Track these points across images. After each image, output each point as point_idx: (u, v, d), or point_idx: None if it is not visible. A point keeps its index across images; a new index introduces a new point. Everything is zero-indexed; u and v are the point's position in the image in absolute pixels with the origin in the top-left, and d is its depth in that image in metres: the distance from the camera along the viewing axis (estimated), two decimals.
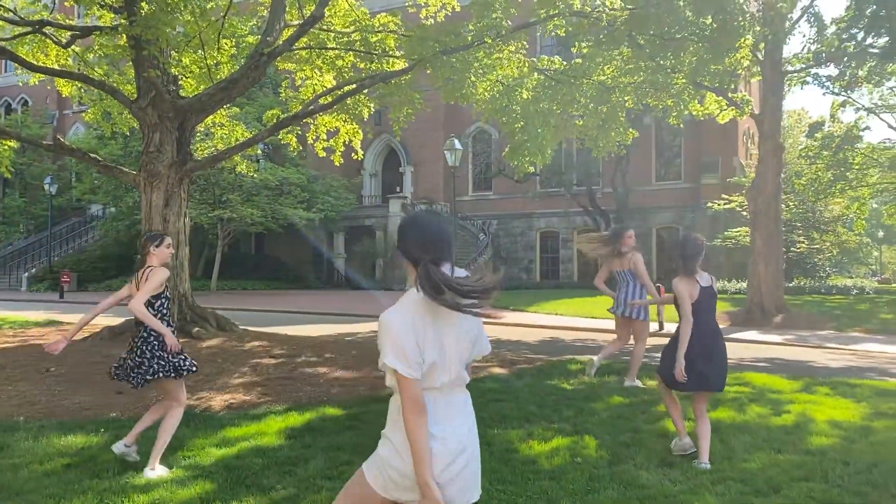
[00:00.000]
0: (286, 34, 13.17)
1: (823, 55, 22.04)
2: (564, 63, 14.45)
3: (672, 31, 11.46)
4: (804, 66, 23.56)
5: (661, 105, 15.02)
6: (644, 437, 5.97)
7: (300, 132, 18.20)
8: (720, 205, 30.16)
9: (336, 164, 17.68)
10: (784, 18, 11.69)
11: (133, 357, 5.07)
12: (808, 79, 28.43)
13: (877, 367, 11.16)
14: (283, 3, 13.14)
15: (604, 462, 5.29)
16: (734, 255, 29.31)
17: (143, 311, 4.94)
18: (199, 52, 15.11)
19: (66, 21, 13.99)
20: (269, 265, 37.06)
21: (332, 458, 5.35)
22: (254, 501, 4.49)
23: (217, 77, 14.65)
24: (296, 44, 13.27)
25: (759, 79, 18.28)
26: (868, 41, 21.25)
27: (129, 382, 5.14)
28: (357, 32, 13.81)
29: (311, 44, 14.46)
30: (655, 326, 16.26)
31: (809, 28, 15.92)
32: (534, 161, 13.72)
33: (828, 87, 30.89)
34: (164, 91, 11.64)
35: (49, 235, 38.51)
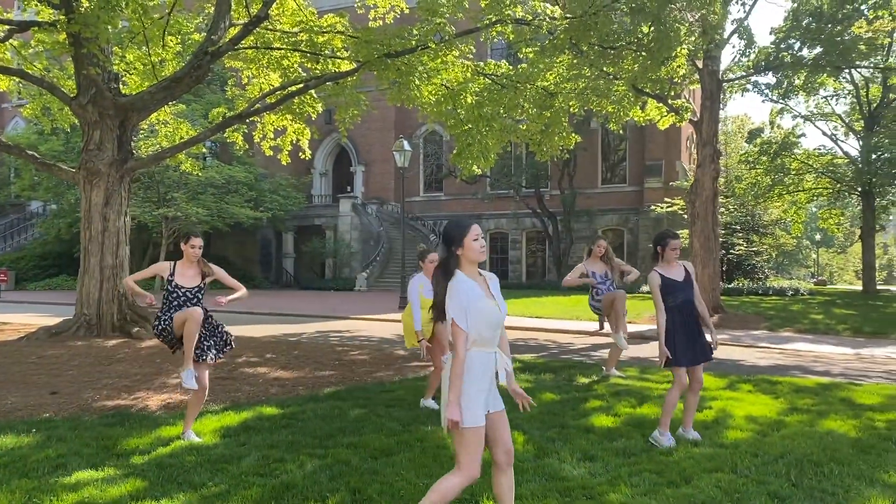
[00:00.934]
0: (232, 33, 13.14)
1: (763, 64, 22.88)
2: (511, 68, 14.72)
3: (611, 40, 11.81)
4: (744, 74, 24.40)
5: (602, 111, 15.41)
6: (571, 433, 6.20)
7: (247, 131, 18.13)
8: (663, 208, 30.95)
9: (283, 164, 17.66)
10: (714, 30, 12.14)
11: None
12: (749, 86, 29.44)
13: (801, 366, 11.66)
14: (229, 3, 13.11)
15: (529, 456, 5.49)
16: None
17: None
18: (144, 49, 14.98)
19: (3, 15, 13.70)
20: (216, 264, 36.42)
21: (265, 456, 5.44)
22: (184, 498, 4.56)
23: (162, 74, 14.52)
24: (241, 43, 13.26)
25: (698, 86, 18.86)
26: (804, 52, 22.15)
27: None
28: (303, 33, 13.83)
29: (257, 43, 14.45)
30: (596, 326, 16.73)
31: (739, 40, 16.52)
32: (478, 164, 13.93)
33: (766, 95, 32.02)
34: (105, 88, 11.52)
35: None
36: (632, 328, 9.50)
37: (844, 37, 19.65)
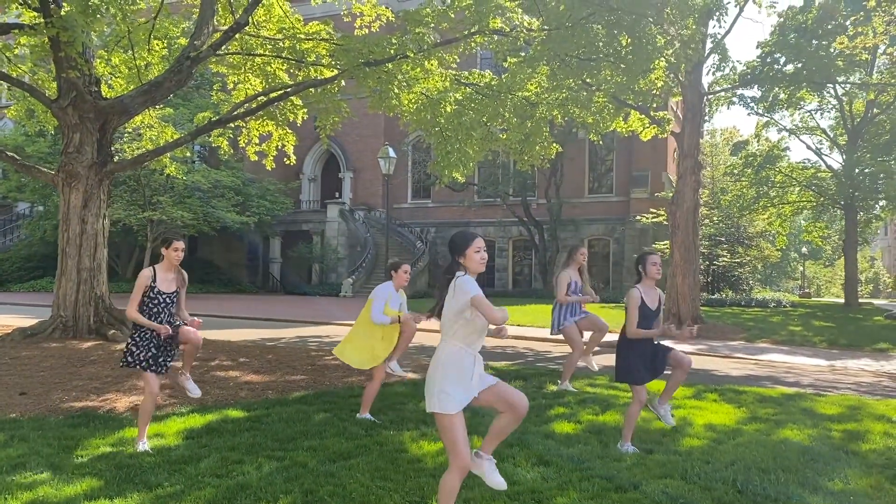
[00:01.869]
0: (215, 39, 13.22)
1: (749, 77, 23.14)
2: (494, 77, 14.86)
3: (589, 52, 11.97)
4: (729, 87, 24.66)
5: (582, 121, 15.57)
6: (530, 439, 6.29)
7: (232, 136, 18.20)
8: (648, 218, 31.16)
9: (268, 168, 17.72)
10: (688, 44, 12.32)
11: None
12: (734, 99, 29.74)
13: (773, 376, 11.79)
14: (213, 8, 13.20)
15: None
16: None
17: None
18: (129, 53, 15.04)
19: None
20: (202, 268, 36.53)
21: (225, 458, 5.51)
22: (138, 497, 4.62)
23: (147, 78, 14.59)
24: (223, 49, 13.33)
25: (679, 98, 19.06)
26: (789, 67, 22.42)
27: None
28: (287, 39, 13.93)
29: (241, 49, 14.54)
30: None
31: (715, 57, 16.74)
32: (457, 172, 14.04)
33: (752, 108, 32.35)
34: (86, 92, 11.57)
35: None
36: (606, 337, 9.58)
37: (825, 52, 19.91)
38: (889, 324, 21.89)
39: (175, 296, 5.88)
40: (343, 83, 13.72)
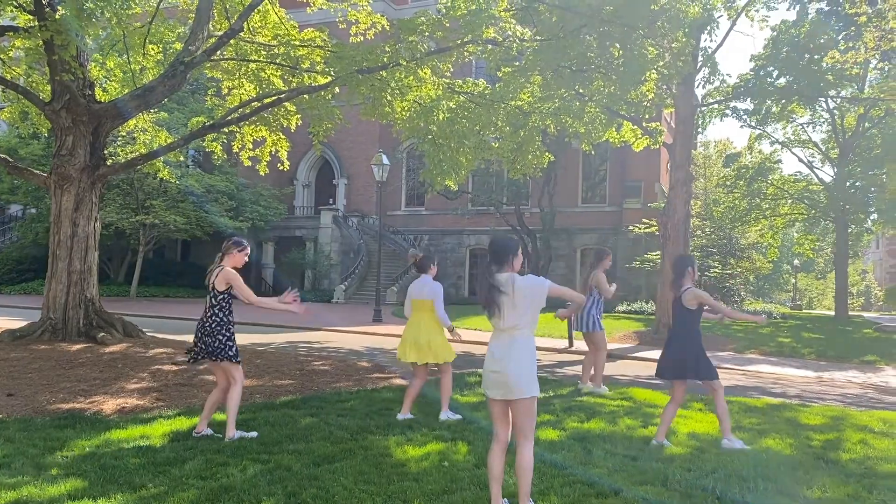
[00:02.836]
0: (210, 44, 13.28)
1: (742, 89, 23.33)
2: (488, 86, 14.96)
3: (580, 63, 12.08)
4: (722, 99, 24.84)
5: (574, 131, 15.67)
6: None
7: (225, 140, 18.23)
8: (641, 229, 31.26)
9: (262, 174, 17.77)
10: (679, 56, 12.45)
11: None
12: (727, 111, 29.93)
13: (760, 387, 11.87)
14: (208, 14, 13.26)
15: (469, 465, 5.62)
16: (652, 278, 30.37)
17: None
18: (124, 57, 15.09)
19: None
20: (195, 273, 36.41)
21: (210, 460, 5.54)
22: (121, 498, 4.65)
23: (142, 82, 14.62)
24: (217, 54, 13.40)
25: (672, 110, 19.20)
26: (781, 80, 22.63)
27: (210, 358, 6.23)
28: (281, 46, 14.01)
29: (236, 55, 14.61)
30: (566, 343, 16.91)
31: (706, 70, 16.91)
32: (449, 180, 14.11)
33: (745, 121, 32.56)
34: (80, 95, 11.61)
35: None
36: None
37: (816, 66, 20.10)
38: (878, 336, 22.03)
39: None
40: (337, 90, 13.80)
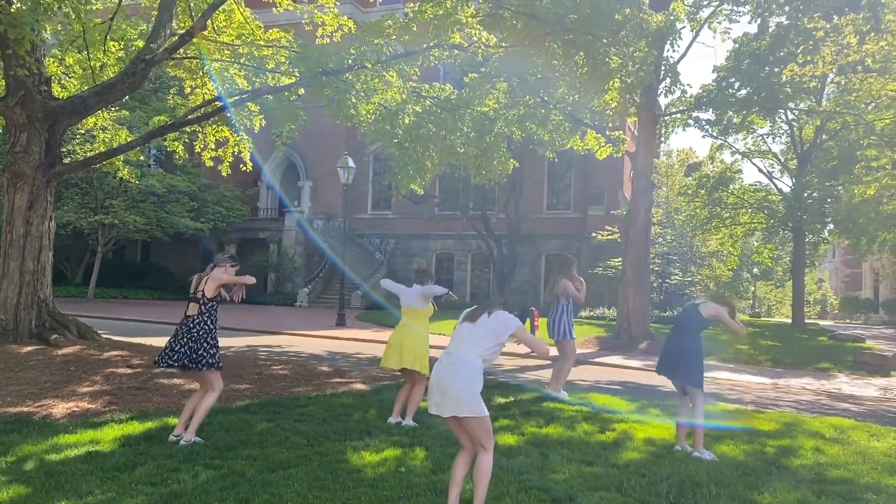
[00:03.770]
0: (172, 42, 13.08)
1: (704, 100, 23.69)
2: (454, 91, 14.97)
3: (545, 71, 12.16)
4: (685, 109, 25.21)
5: (539, 138, 15.77)
6: None
7: (188, 140, 17.97)
8: (604, 235, 31.59)
9: (224, 175, 17.54)
10: (642, 66, 12.60)
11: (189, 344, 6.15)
12: (690, 121, 30.39)
13: (717, 393, 12.01)
14: (171, 11, 13.06)
15: (426, 471, 5.60)
16: (614, 284, 30.68)
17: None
18: (84, 53, 14.77)
19: None
20: (155, 274, 35.90)
21: (161, 466, 5.43)
22: None
23: (102, 79, 14.34)
24: (182, 52, 13.21)
25: (636, 119, 19.44)
26: (742, 91, 23.03)
27: (187, 366, 6.16)
28: (245, 46, 13.86)
29: (199, 53, 14.40)
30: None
31: (669, 80, 17.15)
32: (415, 184, 14.09)
33: (706, 131, 33.10)
34: (35, 91, 11.34)
35: None
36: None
37: (776, 79, 20.50)
38: (832, 344, 22.51)
39: None
40: (301, 91, 13.69)
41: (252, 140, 16.51)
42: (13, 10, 9.60)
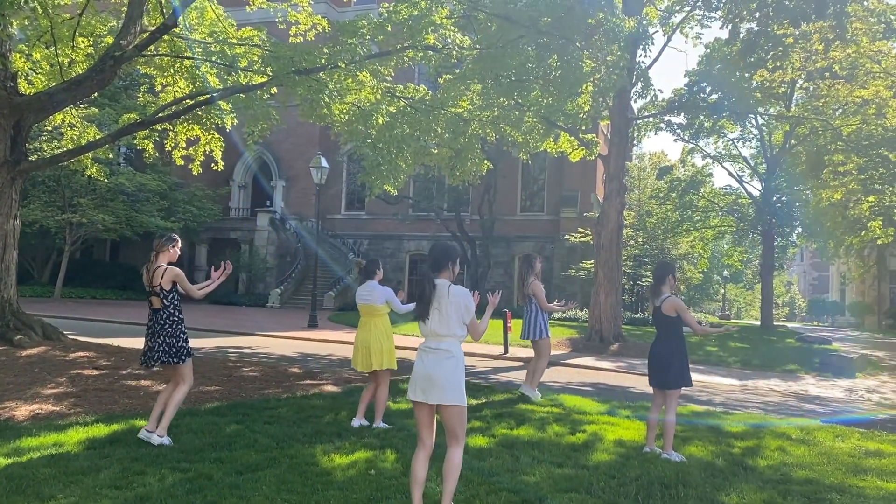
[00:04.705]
0: (142, 39, 12.89)
1: (676, 104, 23.96)
2: (428, 92, 14.95)
3: (519, 73, 12.19)
4: (657, 113, 25.46)
5: (513, 140, 15.81)
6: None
7: (158, 139, 17.73)
8: (577, 238, 31.79)
9: (195, 174, 17.33)
10: (614, 70, 12.71)
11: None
12: (662, 125, 30.71)
13: (687, 394, 12.10)
14: (141, 8, 12.88)
15: (396, 473, 5.57)
16: (587, 286, 30.88)
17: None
18: (52, 49, 14.50)
19: None
20: (123, 273, 35.34)
21: (126, 469, 5.34)
22: None
23: (70, 75, 14.08)
24: (150, 50, 13.02)
25: (608, 122, 19.58)
26: (713, 96, 23.34)
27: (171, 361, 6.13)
28: (217, 44, 13.70)
29: (170, 51, 14.22)
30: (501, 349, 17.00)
31: (641, 84, 17.34)
32: (388, 185, 14.05)
33: (678, 135, 33.47)
34: (1, 87, 11.12)
35: None
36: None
37: (746, 84, 20.81)
38: (800, 346, 22.89)
39: None
40: (274, 90, 13.58)
41: (224, 139, 16.34)
42: None
